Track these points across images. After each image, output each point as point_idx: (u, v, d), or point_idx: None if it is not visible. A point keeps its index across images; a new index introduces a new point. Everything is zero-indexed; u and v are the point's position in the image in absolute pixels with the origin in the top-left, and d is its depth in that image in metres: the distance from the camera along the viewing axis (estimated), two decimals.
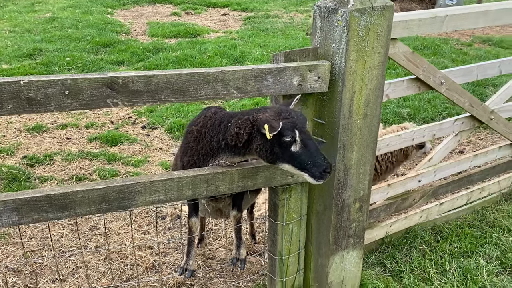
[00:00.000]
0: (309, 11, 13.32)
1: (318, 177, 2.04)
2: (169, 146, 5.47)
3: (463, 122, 3.40)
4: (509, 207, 3.94)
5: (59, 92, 1.82)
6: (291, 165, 2.06)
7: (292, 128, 2.00)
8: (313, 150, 2.03)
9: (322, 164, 2.02)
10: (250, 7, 13.67)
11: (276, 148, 2.04)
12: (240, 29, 11.03)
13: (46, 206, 2.00)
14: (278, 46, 9.13)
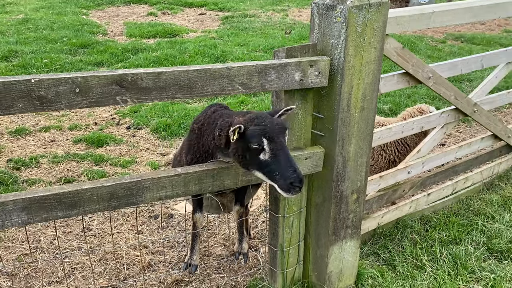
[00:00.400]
0: (286, 11, 13.44)
1: (286, 190, 2.01)
2: (156, 146, 5.46)
3: (449, 114, 3.53)
4: (491, 195, 4.11)
5: (69, 90, 1.83)
6: (261, 173, 2.07)
7: (259, 136, 2.00)
8: (283, 161, 2.00)
9: (290, 177, 1.98)
10: (227, 6, 13.69)
11: (247, 154, 2.05)
12: (218, 28, 11.05)
13: (56, 204, 2.00)
14: (258, 45, 9.20)
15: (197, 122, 2.46)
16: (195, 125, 2.43)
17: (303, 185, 2.05)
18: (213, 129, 2.28)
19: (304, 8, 14.09)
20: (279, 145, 2.03)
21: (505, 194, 4.13)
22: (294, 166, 2.01)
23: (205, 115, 2.46)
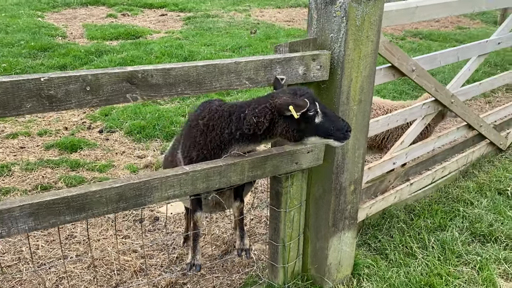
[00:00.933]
0: (248, 11, 13.49)
1: (342, 138, 2.19)
2: (131, 149, 5.34)
3: (429, 106, 3.67)
4: (467, 182, 4.31)
5: (80, 88, 1.77)
6: (317, 136, 2.20)
7: (313, 102, 2.12)
8: (333, 116, 2.19)
9: (343, 126, 2.18)
10: (187, 7, 13.58)
11: (302, 124, 2.15)
12: (182, 29, 10.94)
13: (64, 208, 1.92)
14: (225, 45, 9.18)
15: (201, 118, 2.41)
16: (200, 121, 2.38)
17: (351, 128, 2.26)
18: (231, 121, 2.26)
19: (265, 8, 14.20)
20: (323, 105, 2.21)
21: (479, 181, 4.33)
22: (339, 116, 2.25)
23: (209, 111, 2.41)
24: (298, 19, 12.66)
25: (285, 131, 2.18)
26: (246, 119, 2.18)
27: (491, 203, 3.95)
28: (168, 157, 2.92)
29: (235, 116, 2.24)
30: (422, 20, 3.24)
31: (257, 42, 9.50)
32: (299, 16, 13.13)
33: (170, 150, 2.95)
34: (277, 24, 11.75)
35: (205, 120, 2.35)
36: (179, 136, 2.70)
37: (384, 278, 3.10)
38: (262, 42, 9.59)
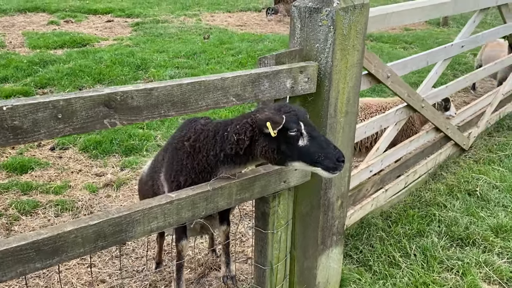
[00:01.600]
0: (198, 15, 13.23)
1: (333, 168, 1.89)
2: (88, 167, 4.98)
3: (402, 111, 3.64)
4: (437, 185, 4.34)
5: (50, 116, 1.51)
6: (301, 162, 1.93)
7: (296, 121, 1.88)
8: (322, 141, 1.91)
9: (334, 154, 1.88)
10: (135, 12, 13.14)
11: (283, 146, 1.90)
12: (131, 35, 10.53)
13: (33, 254, 1.65)
14: (179, 51, 8.90)
15: (187, 139, 2.20)
16: (186, 142, 2.17)
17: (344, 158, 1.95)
18: (216, 142, 2.07)
19: (215, 12, 14.00)
20: (312, 127, 1.94)
21: (448, 182, 4.38)
22: (332, 143, 1.95)
23: (195, 130, 2.21)
24: (250, 23, 12.56)
25: (265, 151, 1.94)
26: (228, 137, 1.99)
27: (463, 205, 3.98)
28: (147, 181, 2.66)
29: (219, 136, 2.05)
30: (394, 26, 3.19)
31: (211, 48, 9.29)
32: (251, 20, 13.05)
33: (148, 172, 2.69)
34: (229, 28, 11.58)
35: (191, 141, 2.14)
36: (160, 158, 2.46)
37: None
38: (217, 47, 9.39)
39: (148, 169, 2.67)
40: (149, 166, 2.70)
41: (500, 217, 3.77)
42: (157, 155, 2.61)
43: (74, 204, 4.22)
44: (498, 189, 4.23)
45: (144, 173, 2.75)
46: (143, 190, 2.70)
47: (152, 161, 2.67)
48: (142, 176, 2.78)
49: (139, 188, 2.80)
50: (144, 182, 2.67)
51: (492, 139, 5.35)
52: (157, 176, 2.43)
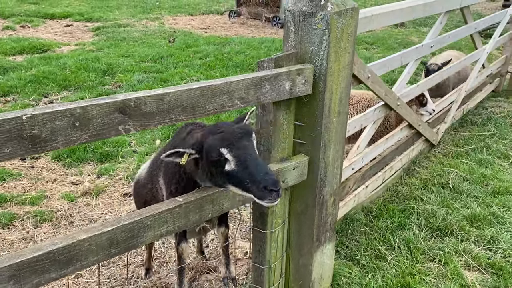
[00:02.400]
0: (160, 19, 13.10)
1: (262, 197, 1.75)
2: (63, 175, 4.86)
3: (380, 110, 3.79)
4: (412, 179, 4.53)
5: (67, 124, 1.50)
6: (233, 186, 1.87)
7: (215, 147, 1.83)
8: (251, 166, 1.77)
9: (262, 181, 1.73)
10: (94, 17, 12.86)
11: (213, 169, 1.89)
12: (94, 40, 10.29)
13: (49, 265, 1.63)
14: (145, 55, 8.79)
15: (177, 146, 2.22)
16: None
17: (279, 187, 1.78)
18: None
19: (177, 15, 13.91)
20: (242, 150, 1.82)
21: (422, 177, 4.58)
22: (264, 168, 1.78)
23: (183, 137, 2.24)
24: (214, 26, 12.56)
25: (201, 173, 1.96)
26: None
27: (438, 197, 4.18)
28: (146, 184, 2.63)
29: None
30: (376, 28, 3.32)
31: (178, 51, 9.23)
32: (214, 23, 13.05)
33: (147, 175, 2.66)
34: (194, 31, 11.54)
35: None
36: (158, 162, 2.45)
37: (362, 284, 3.12)
38: (183, 51, 9.35)
39: (146, 172, 2.65)
40: (147, 169, 2.68)
41: (473, 207, 3.99)
42: (156, 157, 2.60)
43: (53, 214, 4.11)
44: (468, 181, 4.47)
45: (142, 176, 2.72)
46: (140, 193, 2.68)
47: (150, 164, 2.65)
48: (139, 179, 2.75)
49: (135, 192, 2.77)
50: (142, 185, 2.64)
51: (458, 134, 5.63)
52: (156, 180, 2.42)
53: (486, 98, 6.88)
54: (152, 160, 2.64)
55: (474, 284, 3.14)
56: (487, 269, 3.31)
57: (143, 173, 2.69)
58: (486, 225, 3.77)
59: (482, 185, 4.40)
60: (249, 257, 3.59)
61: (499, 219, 3.84)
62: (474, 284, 3.14)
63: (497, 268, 3.28)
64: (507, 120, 6.08)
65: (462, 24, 5.79)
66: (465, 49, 10.09)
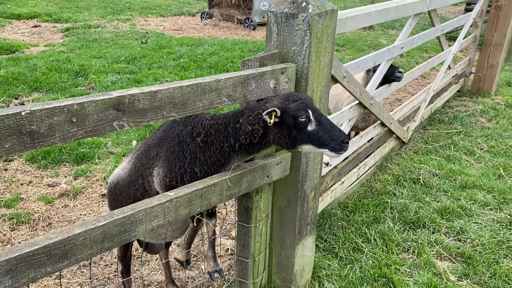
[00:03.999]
0: (131, 20, 12.98)
1: (339, 149, 2.08)
2: (39, 177, 4.79)
3: (355, 109, 3.93)
4: (385, 175, 4.70)
5: (64, 120, 1.54)
6: (310, 145, 2.11)
7: (305, 108, 2.07)
8: (328, 125, 2.10)
9: (340, 136, 2.08)
10: (63, 17, 12.63)
11: (294, 131, 2.09)
12: (64, 41, 10.12)
13: (45, 259, 1.66)
14: (118, 57, 8.72)
15: (197, 135, 2.25)
16: (198, 138, 2.23)
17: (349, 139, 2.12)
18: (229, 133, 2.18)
19: (149, 17, 13.82)
20: (318, 112, 2.11)
21: (394, 173, 4.76)
22: (337, 127, 2.12)
23: (202, 126, 2.25)
24: (186, 27, 12.55)
25: (277, 138, 2.12)
26: (242, 128, 2.13)
27: (410, 192, 4.36)
28: (134, 181, 2.59)
29: (231, 128, 2.17)
30: (352, 30, 3.46)
31: (151, 53, 9.20)
32: (186, 24, 13.04)
33: (132, 173, 2.63)
34: (166, 33, 11.51)
35: (202, 136, 2.22)
36: (154, 153, 2.44)
37: (341, 276, 3.24)
38: (156, 52, 9.32)
39: (130, 170, 2.64)
40: (129, 168, 2.66)
41: (443, 201, 4.19)
42: (141, 153, 2.57)
43: (30, 216, 4.06)
44: (437, 176, 4.68)
45: (121, 177, 2.69)
46: (123, 194, 2.66)
47: (133, 161, 2.62)
48: (119, 180, 2.72)
49: (114, 194, 2.74)
50: (127, 184, 2.63)
51: (427, 132, 5.87)
52: (149, 173, 2.44)
53: (452, 98, 7.18)
54: (136, 156, 2.63)
55: (446, 273, 3.31)
56: (457, 258, 3.49)
57: (122, 173, 2.68)
58: (455, 217, 3.97)
59: (451, 180, 4.62)
60: (230, 253, 3.66)
61: (467, 211, 4.05)
62: (446, 273, 3.31)
63: (466, 257, 3.47)
64: (472, 118, 6.37)
65: (427, 27, 6.04)
66: (431, 51, 10.47)
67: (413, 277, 3.25)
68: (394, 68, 4.49)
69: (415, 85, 8.26)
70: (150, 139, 2.57)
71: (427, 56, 10.01)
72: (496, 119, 6.33)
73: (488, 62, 7.24)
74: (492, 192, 4.39)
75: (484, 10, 7.13)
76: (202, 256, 3.69)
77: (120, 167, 2.91)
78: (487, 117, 6.43)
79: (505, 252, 3.53)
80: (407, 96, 7.60)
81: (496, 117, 6.40)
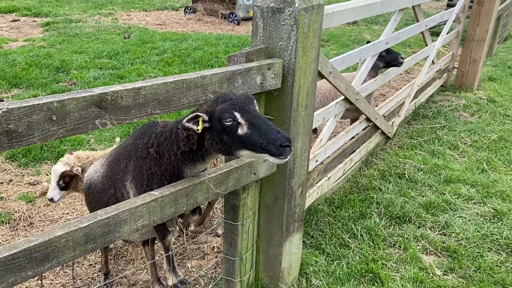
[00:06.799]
0: (113, 14, 12.78)
1: (277, 154, 1.84)
2: (19, 176, 4.68)
3: (340, 104, 3.92)
4: (370, 171, 4.71)
5: (44, 118, 1.48)
6: (247, 150, 1.89)
7: (230, 110, 1.85)
8: (264, 128, 1.85)
9: (277, 139, 1.82)
10: (43, 11, 12.37)
11: (224, 136, 1.88)
12: (44, 36, 9.91)
13: (25, 262, 1.60)
14: (100, 52, 8.57)
15: (151, 145, 2.20)
16: (150, 149, 2.17)
17: (292, 143, 1.88)
18: (173, 141, 2.08)
19: (131, 11, 13.62)
20: (252, 114, 1.88)
21: (379, 168, 4.77)
22: (275, 128, 1.87)
23: (155, 135, 2.22)
24: (169, 22, 12.41)
25: (211, 144, 1.94)
26: (179, 134, 2.02)
27: (396, 187, 4.38)
28: (106, 189, 2.52)
29: (174, 134, 2.07)
30: (337, 25, 3.44)
31: (134, 48, 9.07)
32: (169, 19, 12.89)
33: (105, 180, 2.57)
34: (149, 27, 11.36)
35: (155, 147, 2.15)
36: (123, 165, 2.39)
37: (329, 272, 3.23)
38: (139, 47, 9.19)
39: (103, 177, 2.57)
40: (101, 173, 2.60)
41: (428, 196, 4.21)
42: (113, 161, 2.52)
43: (11, 216, 3.96)
44: (422, 171, 4.71)
45: (95, 180, 2.63)
46: (97, 199, 2.59)
47: (106, 167, 2.56)
48: (92, 183, 2.66)
49: (90, 197, 2.67)
50: (99, 190, 2.56)
51: (411, 126, 5.91)
52: (121, 184, 2.38)
53: (436, 93, 7.24)
54: (108, 163, 2.57)
55: (432, 267, 3.33)
56: (443, 252, 3.51)
57: (95, 176, 2.62)
58: (440, 211, 4.00)
59: (435, 175, 4.65)
60: (217, 251, 3.63)
61: (451, 206, 4.08)
62: (432, 267, 3.33)
63: (451, 251, 3.49)
64: (455, 113, 6.43)
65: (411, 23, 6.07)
66: (415, 46, 10.55)
67: (400, 272, 3.26)
68: (397, 54, 4.77)
69: (399, 80, 8.31)
70: (121, 147, 2.51)
71: (410, 51, 10.07)
72: (478, 114, 6.40)
73: (471, 57, 7.31)
74: (476, 186, 4.43)
75: (467, 5, 7.19)
76: (186, 255, 3.64)
77: (94, 168, 2.84)
78: (470, 111, 6.50)
79: (489, 245, 3.57)
80: (391, 91, 7.64)
81: (478, 112, 6.47)
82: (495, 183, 4.48)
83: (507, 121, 6.15)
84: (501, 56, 10.06)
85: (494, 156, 5.10)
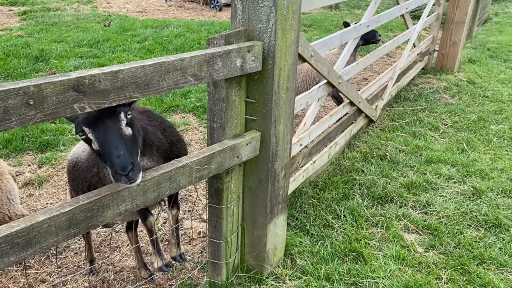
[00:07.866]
0: (93, 2, 12.56)
1: (115, 179, 1.82)
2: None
3: (323, 88, 3.94)
4: (353, 153, 4.77)
5: (21, 103, 1.47)
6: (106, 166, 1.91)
7: (80, 126, 1.85)
8: (111, 149, 1.80)
9: (115, 165, 1.78)
10: (20, 0, 12.11)
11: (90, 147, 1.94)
12: (21, 25, 9.71)
13: (7, 248, 1.60)
14: (80, 40, 8.44)
15: None
16: None
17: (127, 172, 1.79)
18: None
19: None
20: (102, 130, 1.83)
21: (362, 150, 4.83)
22: (117, 151, 1.79)
23: None
24: (150, 9, 12.24)
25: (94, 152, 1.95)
26: None
27: (378, 168, 4.45)
28: (90, 167, 2.54)
29: None
30: (318, 7, 3.44)
31: (114, 36, 8.94)
32: (150, 6, 12.71)
33: (90, 157, 2.58)
34: (129, 15, 11.20)
35: None
36: None
37: (313, 252, 3.28)
38: (120, 35, 9.07)
39: (88, 155, 2.57)
40: (88, 152, 2.60)
41: (409, 176, 4.29)
42: None
43: None
44: (404, 152, 4.78)
45: (81, 158, 2.63)
46: (82, 177, 2.59)
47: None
48: (79, 162, 2.65)
49: (73, 175, 2.66)
50: (85, 168, 2.57)
51: (393, 109, 5.97)
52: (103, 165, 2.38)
53: (417, 75, 7.32)
54: None
55: (414, 245, 3.41)
56: (424, 230, 3.59)
57: (82, 155, 2.61)
58: (421, 191, 4.08)
59: (416, 155, 4.73)
60: (202, 236, 3.65)
61: (432, 185, 4.16)
62: (414, 245, 3.41)
63: (432, 229, 3.57)
64: (436, 95, 6.52)
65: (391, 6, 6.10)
66: (396, 29, 10.60)
67: (382, 250, 3.33)
68: (374, 32, 5.10)
69: (381, 64, 8.36)
70: None
71: (392, 35, 10.13)
72: (459, 95, 6.50)
73: (451, 40, 7.39)
74: (456, 165, 4.52)
75: None
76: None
77: (80, 147, 2.83)
78: (451, 93, 6.59)
79: (469, 222, 3.66)
80: (373, 75, 7.69)
81: (458, 93, 6.57)
82: (475, 162, 4.58)
83: (486, 102, 6.26)
84: (481, 38, 10.18)
85: (473, 136, 5.20)
